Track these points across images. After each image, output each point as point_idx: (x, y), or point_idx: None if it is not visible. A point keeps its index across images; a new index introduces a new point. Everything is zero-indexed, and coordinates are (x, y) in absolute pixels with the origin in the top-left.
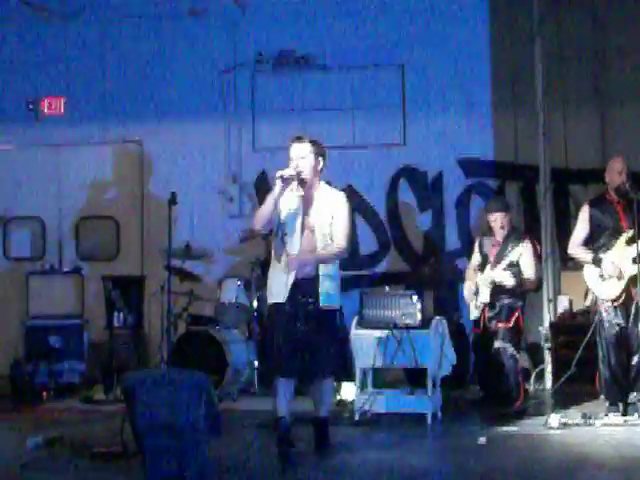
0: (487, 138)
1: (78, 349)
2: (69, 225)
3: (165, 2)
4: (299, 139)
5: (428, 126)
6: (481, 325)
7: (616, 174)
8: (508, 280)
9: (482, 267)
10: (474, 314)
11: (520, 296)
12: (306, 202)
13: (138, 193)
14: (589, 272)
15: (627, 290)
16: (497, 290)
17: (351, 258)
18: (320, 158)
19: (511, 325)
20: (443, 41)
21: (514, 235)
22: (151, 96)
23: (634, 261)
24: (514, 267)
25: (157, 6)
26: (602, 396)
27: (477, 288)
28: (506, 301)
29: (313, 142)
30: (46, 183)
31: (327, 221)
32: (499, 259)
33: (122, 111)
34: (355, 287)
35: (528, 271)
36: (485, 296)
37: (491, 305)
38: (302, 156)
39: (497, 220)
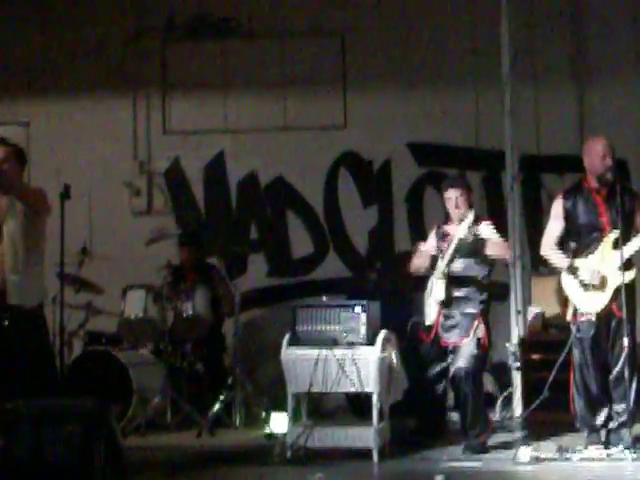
0: (443, 119)
1: None
2: None
3: None
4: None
5: (373, 105)
6: (433, 332)
7: (598, 158)
8: (467, 234)
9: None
10: (430, 318)
11: (484, 296)
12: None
13: None
14: (568, 279)
15: (611, 303)
16: (455, 282)
17: (281, 263)
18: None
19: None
20: (391, 5)
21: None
22: (41, 70)
23: (620, 269)
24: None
25: None
26: (577, 424)
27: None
28: (468, 309)
29: (13, 145)
30: None
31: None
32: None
33: (5, 87)
34: (287, 298)
35: (493, 239)
36: (440, 292)
37: (446, 315)
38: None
39: (452, 199)
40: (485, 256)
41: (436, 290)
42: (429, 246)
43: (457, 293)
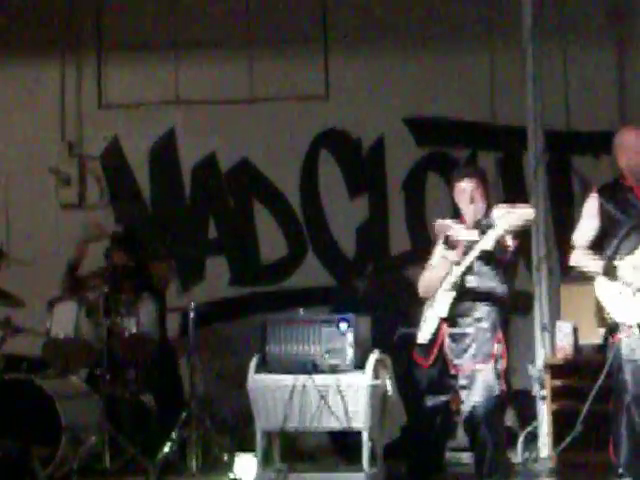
0: (449, 87)
1: None
2: None
3: None
4: None
5: (362, 71)
6: (433, 355)
7: (635, 155)
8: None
9: None
10: (424, 335)
11: (504, 313)
12: None
13: None
14: (604, 286)
15: None
16: (468, 296)
17: (247, 268)
18: None
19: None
20: None
21: (488, 219)
22: None
23: None
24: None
25: None
26: (620, 470)
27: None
28: (483, 328)
29: None
30: None
31: None
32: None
33: None
34: (254, 312)
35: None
36: (444, 306)
37: (456, 335)
38: None
39: (466, 192)
40: (507, 266)
41: (440, 303)
42: (437, 262)
43: (470, 310)
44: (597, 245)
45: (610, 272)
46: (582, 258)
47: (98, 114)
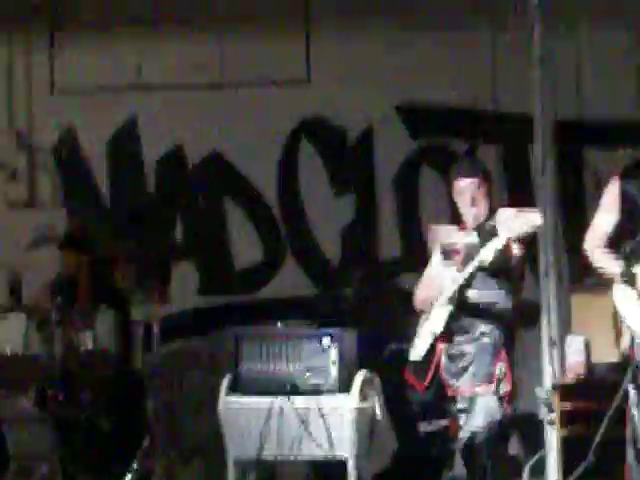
0: (446, 71)
1: None
2: None
3: None
4: None
5: (348, 52)
6: (429, 376)
7: None
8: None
9: None
10: (417, 353)
11: (507, 329)
12: None
13: None
14: (622, 293)
15: None
16: (467, 311)
17: (218, 275)
18: None
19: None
20: None
21: (491, 223)
22: None
23: None
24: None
25: None
26: None
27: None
28: (484, 346)
29: None
30: None
31: None
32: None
33: None
34: (225, 324)
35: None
36: (439, 321)
37: (453, 354)
38: None
39: (466, 192)
40: (513, 276)
41: (435, 318)
42: (436, 271)
43: (469, 326)
44: (615, 243)
45: (628, 278)
46: (603, 258)
47: (50, 101)
